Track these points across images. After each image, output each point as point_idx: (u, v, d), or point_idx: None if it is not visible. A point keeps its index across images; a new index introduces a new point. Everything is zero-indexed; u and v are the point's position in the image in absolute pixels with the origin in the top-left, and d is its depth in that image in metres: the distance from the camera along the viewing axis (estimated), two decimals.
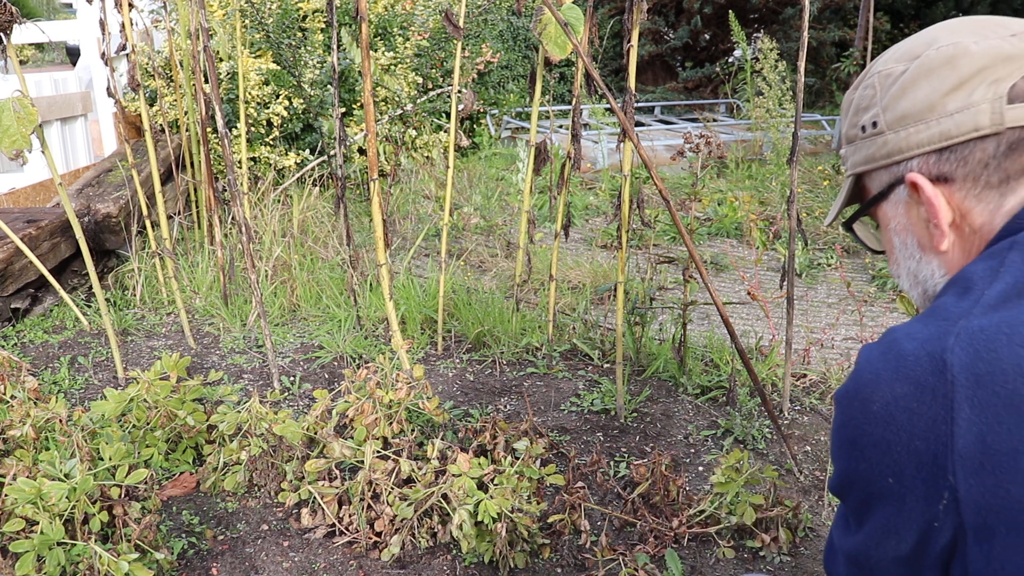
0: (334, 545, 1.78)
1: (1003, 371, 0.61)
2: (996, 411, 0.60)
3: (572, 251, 4.10)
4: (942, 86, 0.76)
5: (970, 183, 0.75)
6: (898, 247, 0.85)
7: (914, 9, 9.09)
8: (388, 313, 2.38)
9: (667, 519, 1.81)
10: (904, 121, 0.78)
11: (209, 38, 2.53)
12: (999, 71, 0.74)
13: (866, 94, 0.83)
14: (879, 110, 0.81)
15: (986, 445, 0.60)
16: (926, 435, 0.64)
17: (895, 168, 0.81)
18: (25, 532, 1.50)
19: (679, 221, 1.88)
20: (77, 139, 4.49)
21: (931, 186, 0.77)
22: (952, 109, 0.75)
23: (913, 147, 0.78)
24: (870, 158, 0.83)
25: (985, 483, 0.61)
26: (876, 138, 0.82)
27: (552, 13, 1.94)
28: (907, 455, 0.65)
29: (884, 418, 0.67)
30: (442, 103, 5.60)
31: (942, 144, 0.76)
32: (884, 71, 0.82)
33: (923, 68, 0.77)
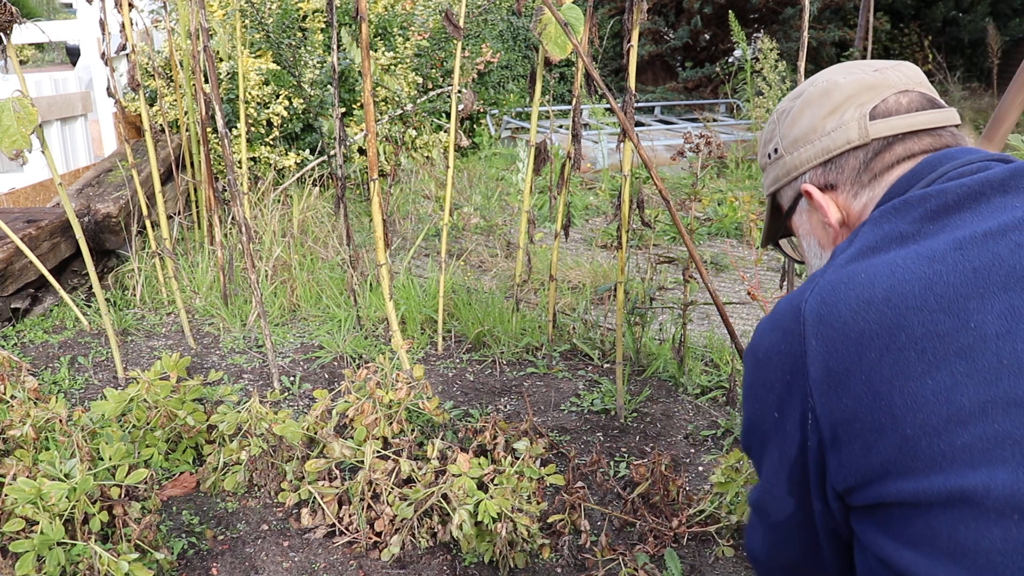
0: (334, 545, 1.78)
1: (838, 309, 0.76)
2: (834, 341, 0.76)
3: (572, 251, 4.10)
4: (821, 112, 0.96)
5: (849, 186, 0.94)
6: (807, 249, 1.05)
7: (914, 9, 9.09)
8: (388, 313, 2.38)
9: (667, 519, 1.81)
10: (796, 144, 0.99)
11: (209, 38, 2.53)
12: (863, 97, 0.94)
13: (770, 129, 1.04)
14: (779, 139, 1.02)
15: (829, 369, 0.76)
16: (792, 368, 0.79)
17: (794, 183, 1.00)
18: (25, 532, 1.50)
19: (679, 221, 1.88)
20: (77, 139, 4.49)
21: (820, 193, 0.96)
22: (829, 129, 0.95)
23: (804, 163, 0.98)
24: (776, 179, 1.03)
25: (831, 400, 0.76)
26: (778, 161, 1.02)
27: (552, 13, 1.94)
28: (783, 388, 0.81)
29: (765, 361, 0.84)
30: (442, 103, 5.60)
31: (825, 157, 0.95)
32: (780, 109, 1.03)
33: (806, 101, 0.99)
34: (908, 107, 0.92)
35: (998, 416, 0.68)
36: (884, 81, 0.94)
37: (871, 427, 0.73)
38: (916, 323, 0.72)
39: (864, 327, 0.74)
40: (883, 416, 0.72)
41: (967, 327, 0.71)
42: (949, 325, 0.71)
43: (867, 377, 0.73)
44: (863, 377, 0.73)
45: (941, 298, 0.72)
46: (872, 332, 0.73)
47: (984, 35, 8.40)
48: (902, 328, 0.72)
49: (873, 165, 0.92)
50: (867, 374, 0.73)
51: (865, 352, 0.73)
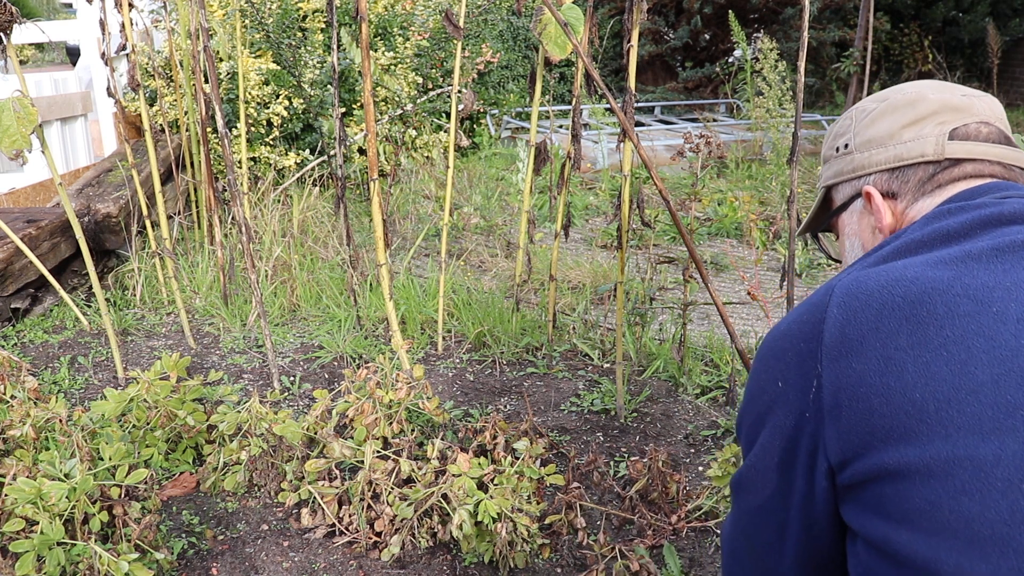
0: (334, 545, 1.78)
1: (867, 284, 0.78)
2: (855, 310, 0.77)
3: (572, 251, 4.10)
4: (902, 120, 0.97)
5: (910, 195, 0.95)
6: (848, 250, 1.06)
7: (914, 9, 9.09)
8: (388, 313, 2.39)
9: (666, 515, 1.81)
10: (869, 144, 0.99)
11: (209, 38, 2.53)
12: (946, 116, 0.95)
13: (844, 123, 1.05)
14: (852, 135, 1.02)
15: (844, 335, 0.77)
16: (808, 336, 0.80)
17: (857, 182, 1.01)
18: (25, 532, 1.50)
19: (679, 221, 1.88)
20: (77, 139, 4.49)
21: (881, 198, 0.97)
22: (907, 138, 0.96)
23: (873, 164, 0.98)
24: (839, 172, 1.04)
25: (839, 365, 0.76)
26: (846, 156, 1.03)
27: (552, 13, 1.94)
28: (794, 355, 0.82)
29: (785, 332, 0.85)
30: (442, 103, 5.60)
31: (895, 164, 0.96)
32: (861, 107, 1.04)
33: (890, 106, 0.99)
34: (987, 137, 0.94)
35: (1011, 388, 0.68)
36: (969, 107, 0.95)
37: (878, 391, 0.73)
38: (939, 302, 0.73)
39: (887, 299, 0.75)
40: (893, 380, 0.73)
41: (989, 311, 0.72)
42: (971, 308, 0.73)
43: (883, 343, 0.74)
44: (878, 343, 0.74)
45: (968, 287, 0.74)
46: (894, 304, 0.75)
47: (984, 35, 8.40)
48: (924, 304, 0.74)
49: (939, 177, 0.93)
50: (883, 341, 0.74)
51: (884, 321, 0.75)
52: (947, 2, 8.88)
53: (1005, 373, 0.69)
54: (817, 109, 8.65)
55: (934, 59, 8.80)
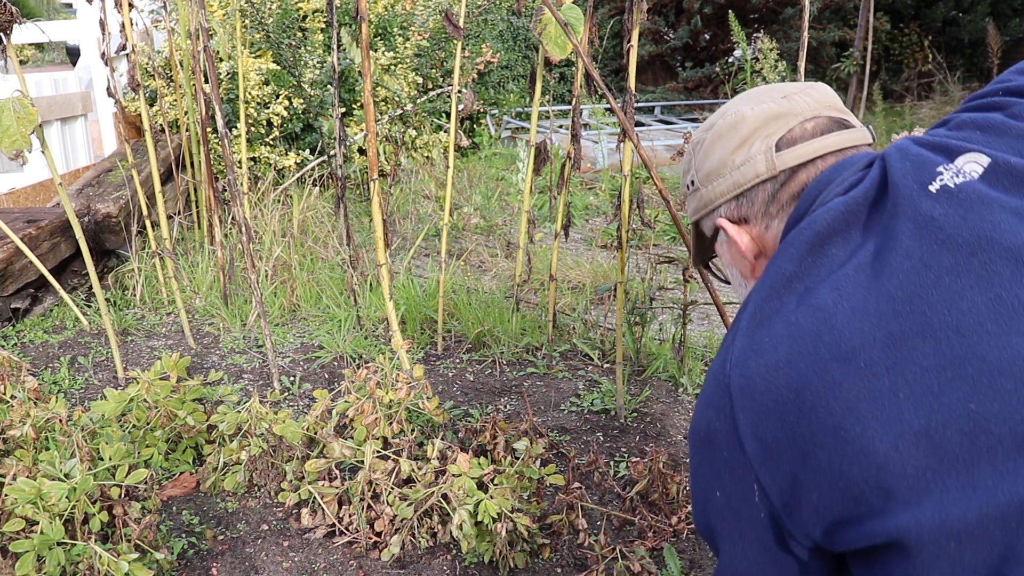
0: (334, 545, 1.78)
1: (753, 381, 0.76)
2: (756, 412, 0.76)
3: (572, 251, 4.10)
4: (729, 146, 0.95)
5: (759, 218, 0.94)
6: (732, 278, 1.06)
7: (914, 9, 9.09)
8: (388, 313, 2.39)
9: (666, 516, 1.81)
10: (709, 177, 0.98)
11: (209, 38, 2.53)
12: (770, 128, 0.93)
13: (687, 159, 1.04)
14: (694, 171, 1.01)
15: (760, 440, 0.75)
16: (727, 444, 0.79)
17: (711, 215, 1.00)
18: (25, 532, 1.50)
19: (679, 221, 1.88)
20: (77, 139, 4.49)
21: (733, 227, 0.96)
22: (739, 163, 0.94)
23: (718, 196, 0.97)
24: (696, 210, 1.03)
25: (771, 469, 0.75)
26: (695, 193, 1.01)
27: (552, 13, 1.94)
28: (722, 464, 0.80)
29: (705, 440, 0.83)
30: (442, 103, 5.60)
31: (737, 191, 0.94)
32: (694, 139, 1.02)
33: (716, 134, 0.97)
34: (813, 132, 0.91)
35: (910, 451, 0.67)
36: (791, 109, 0.93)
37: (810, 485, 0.72)
38: (815, 379, 0.72)
39: (776, 394, 0.74)
40: (816, 475, 0.72)
41: (859, 369, 0.71)
42: (842, 372, 0.71)
43: (791, 440, 0.73)
44: (788, 441, 0.73)
45: (830, 346, 0.72)
46: (784, 398, 0.74)
47: (984, 35, 8.40)
48: (807, 388, 0.72)
49: (779, 196, 0.92)
50: (791, 438, 0.73)
51: (784, 418, 0.74)
52: (947, 2, 8.88)
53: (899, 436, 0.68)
54: None
55: (934, 59, 8.80)
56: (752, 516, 0.79)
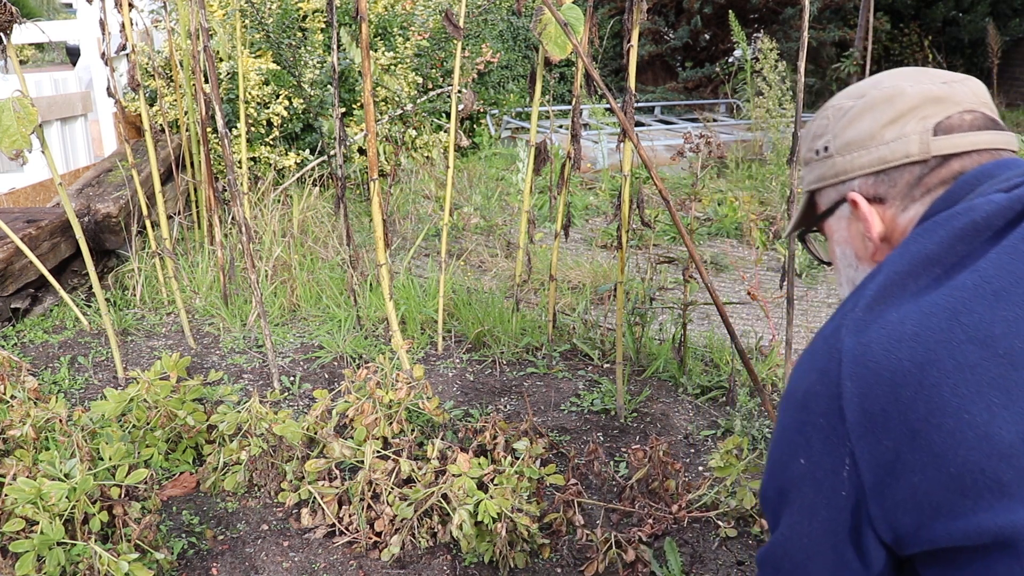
0: (334, 545, 1.78)
1: (871, 349, 0.74)
2: (868, 382, 0.74)
3: (572, 251, 4.10)
4: (882, 119, 0.91)
5: (899, 200, 0.90)
6: (839, 257, 1.00)
7: (914, 9, 9.09)
8: (388, 313, 2.39)
9: (666, 505, 1.81)
10: (850, 147, 0.93)
11: (209, 38, 2.53)
12: (928, 110, 0.89)
13: (822, 124, 0.98)
14: (831, 137, 0.96)
15: (865, 411, 0.74)
16: (826, 411, 0.77)
17: (840, 187, 0.95)
18: (25, 532, 1.50)
19: (679, 221, 1.88)
20: (77, 139, 4.49)
21: (867, 204, 0.92)
22: (889, 138, 0.90)
23: (856, 169, 0.92)
24: (821, 177, 0.97)
25: (870, 443, 0.73)
26: (827, 160, 0.96)
27: (552, 13, 1.94)
28: (815, 431, 0.78)
29: (802, 403, 0.80)
30: (442, 103, 5.60)
31: (879, 167, 0.91)
32: (837, 105, 0.97)
33: (867, 104, 0.93)
34: (971, 125, 0.89)
35: None
36: (951, 96, 0.90)
37: (914, 466, 0.70)
38: (945, 357, 0.70)
39: (896, 365, 0.72)
40: (924, 455, 0.70)
41: (996, 355, 0.69)
42: (978, 355, 0.70)
43: (904, 417, 0.71)
44: (900, 417, 0.71)
45: (967, 327, 0.71)
46: (904, 370, 0.72)
47: (984, 35, 8.40)
48: (933, 364, 0.71)
49: (927, 180, 0.89)
50: (904, 413, 0.71)
51: (900, 391, 0.72)
52: (947, 2, 8.88)
53: None
54: (817, 109, 8.64)
55: (934, 59, 8.80)
56: (832, 491, 0.77)
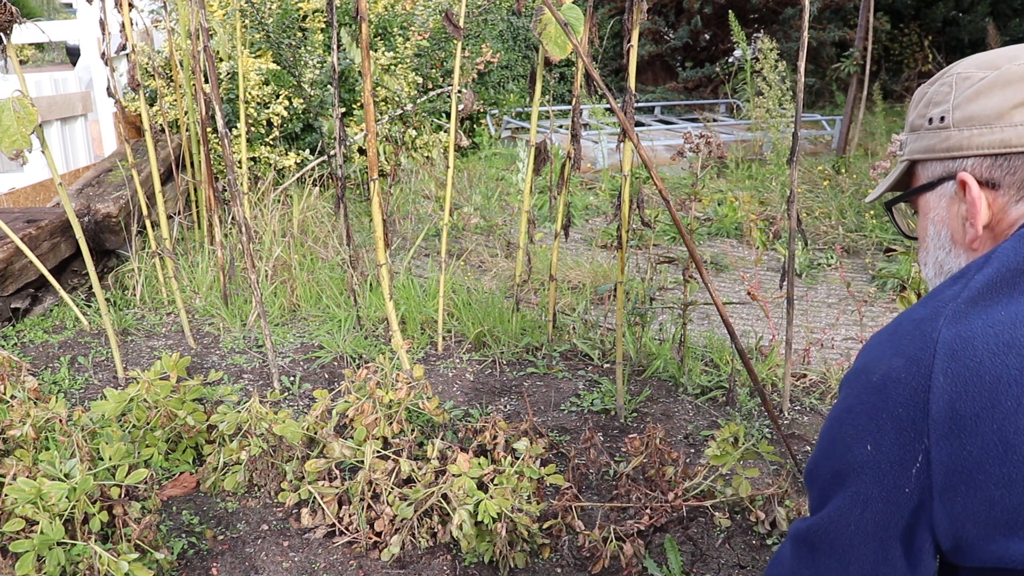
0: (334, 545, 1.78)
1: (974, 347, 0.69)
2: (965, 381, 0.69)
3: (572, 251, 4.10)
4: (1014, 98, 0.81)
5: (1014, 190, 0.82)
6: (931, 236, 0.91)
7: (914, 9, 9.09)
8: (388, 313, 2.39)
9: (663, 493, 1.81)
10: (970, 122, 0.84)
11: (209, 38, 2.53)
12: None
13: (941, 90, 0.88)
14: (950, 107, 0.86)
15: (955, 410, 0.69)
16: (908, 402, 0.72)
17: (950, 163, 0.86)
18: (25, 532, 1.50)
19: (679, 221, 1.88)
20: (77, 139, 4.49)
21: (978, 188, 0.83)
22: (1018, 121, 0.81)
23: (973, 147, 0.83)
24: (930, 148, 0.88)
25: (952, 445, 0.69)
26: (940, 131, 0.87)
27: (552, 13, 1.94)
28: (890, 420, 0.73)
29: (879, 387, 0.75)
30: (442, 103, 5.60)
31: (1000, 150, 0.82)
32: (963, 73, 0.87)
33: (1001, 79, 0.83)
34: None
35: None
36: None
37: (998, 480, 0.67)
38: None
39: (1002, 371, 0.68)
40: (1014, 471, 0.66)
41: None
42: None
43: (999, 426, 0.67)
44: (995, 425, 0.67)
45: None
46: (1010, 378, 0.67)
47: (984, 35, 8.40)
48: None
49: None
50: (1000, 423, 0.67)
51: (1000, 399, 0.67)
52: (947, 2, 8.88)
53: None
54: (817, 109, 8.65)
55: (934, 59, 8.80)
56: (895, 485, 0.73)
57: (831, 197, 4.87)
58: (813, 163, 5.83)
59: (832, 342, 3.02)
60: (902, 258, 3.79)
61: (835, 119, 6.87)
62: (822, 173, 5.48)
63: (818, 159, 6.11)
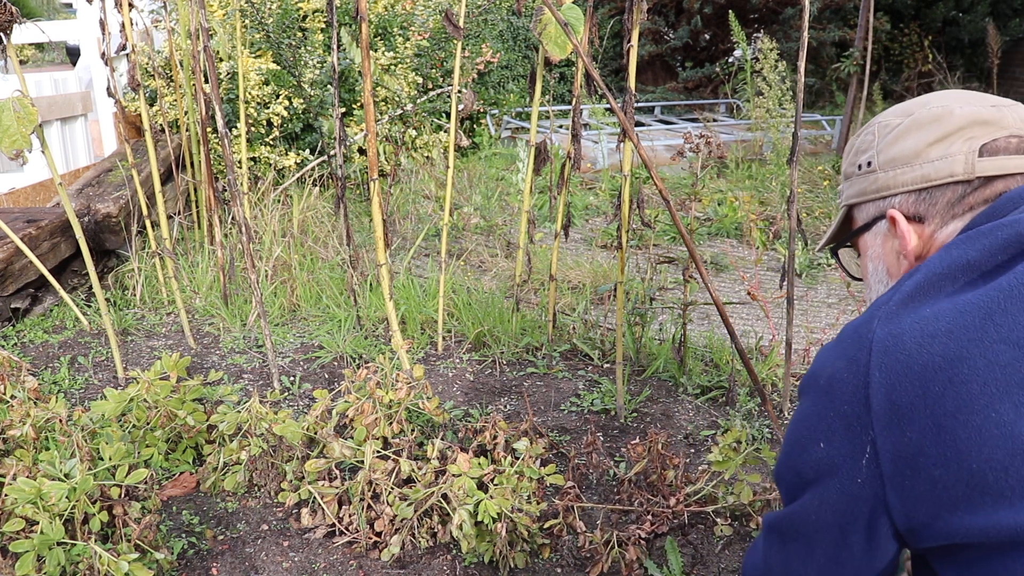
0: (334, 545, 1.78)
1: (903, 341, 0.76)
2: (897, 373, 0.75)
3: (572, 251, 4.10)
4: (928, 137, 0.91)
5: (938, 218, 0.91)
6: (871, 272, 1.01)
7: (914, 9, 9.08)
8: (388, 313, 2.39)
9: (664, 499, 1.81)
10: (893, 163, 0.94)
11: (209, 38, 2.53)
12: (975, 131, 0.90)
13: (867, 139, 0.99)
14: (875, 152, 0.97)
15: (892, 401, 0.75)
16: (851, 399, 0.78)
17: (880, 203, 0.96)
18: (25, 532, 1.50)
19: (679, 221, 1.88)
20: (77, 139, 4.49)
21: (906, 222, 0.93)
22: (934, 157, 0.91)
23: (898, 185, 0.93)
24: (862, 192, 0.99)
25: (893, 434, 0.75)
26: (869, 175, 0.97)
27: (552, 13, 1.94)
28: (838, 418, 0.80)
29: (826, 389, 0.82)
30: (442, 103, 5.60)
31: (922, 185, 0.91)
32: (883, 122, 0.98)
33: (915, 122, 0.94)
34: (1018, 149, 0.89)
35: None
36: (1000, 119, 0.91)
37: (936, 461, 0.72)
38: (977, 355, 0.72)
39: (927, 360, 0.73)
40: (948, 450, 0.71)
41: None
42: (1009, 355, 0.71)
43: (931, 411, 0.72)
44: (927, 411, 0.72)
45: (1000, 327, 0.72)
46: (935, 365, 0.73)
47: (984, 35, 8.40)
48: (964, 360, 0.72)
49: (969, 199, 0.89)
50: (931, 407, 0.72)
51: (929, 385, 0.73)
52: (947, 2, 8.88)
53: None
54: (817, 109, 8.65)
55: (934, 59, 8.80)
56: (849, 477, 0.79)
57: (831, 197, 4.87)
58: (813, 163, 5.83)
59: None
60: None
61: (835, 119, 6.87)
62: (822, 173, 5.49)
63: (818, 159, 6.11)
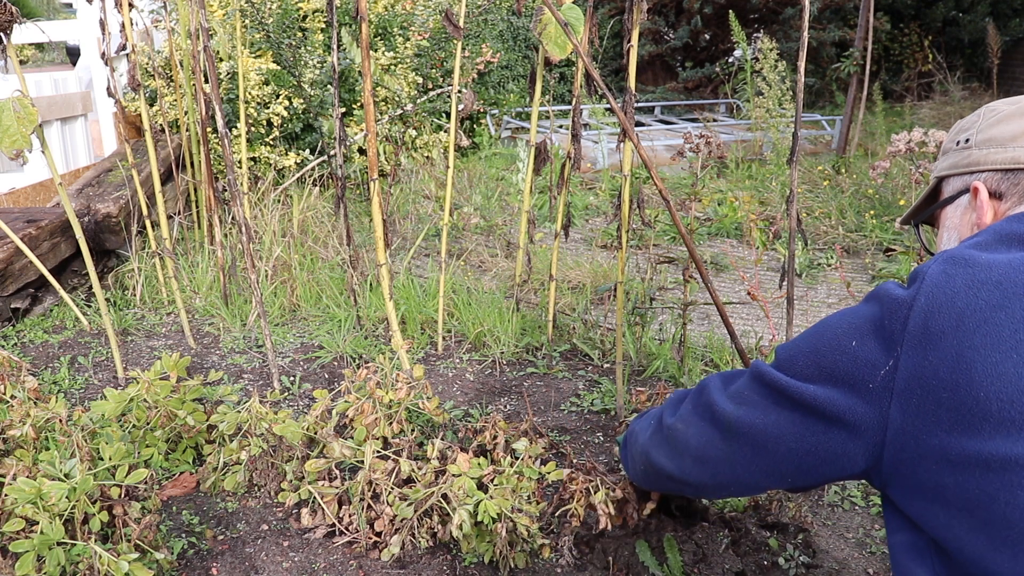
0: (334, 545, 1.78)
1: (954, 281, 0.83)
2: (940, 304, 0.83)
3: (572, 251, 4.10)
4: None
5: (1015, 199, 0.99)
6: (944, 242, 1.10)
7: (914, 9, 9.09)
8: (388, 313, 2.39)
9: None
10: (989, 143, 1.03)
11: (209, 38, 2.53)
12: None
13: (971, 120, 1.09)
14: (975, 131, 1.06)
15: (927, 326, 0.83)
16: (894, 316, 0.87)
17: (968, 176, 1.05)
18: (25, 532, 1.50)
19: (679, 221, 1.88)
20: (77, 139, 4.49)
21: (987, 196, 1.01)
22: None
23: (988, 163, 1.02)
24: (954, 165, 1.08)
25: (917, 354, 0.83)
26: (964, 151, 1.06)
27: (552, 13, 1.94)
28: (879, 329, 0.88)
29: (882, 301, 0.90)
30: (442, 103, 5.60)
31: (1010, 166, 1.00)
32: (992, 107, 1.08)
33: (1020, 109, 1.02)
34: None
35: None
36: None
37: (947, 385, 0.79)
38: (1017, 307, 0.79)
39: (971, 301, 0.81)
40: (961, 377, 0.78)
41: None
42: None
43: (958, 341, 0.80)
44: (955, 341, 0.80)
45: None
46: (976, 307, 0.80)
47: (984, 35, 8.40)
48: (1003, 308, 0.79)
49: None
50: (960, 339, 0.80)
51: (964, 320, 0.80)
52: (947, 2, 8.88)
53: None
54: (817, 109, 8.65)
55: (934, 59, 8.80)
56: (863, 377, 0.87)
57: (831, 197, 4.87)
58: (813, 163, 5.83)
59: None
60: (902, 258, 3.79)
61: (835, 119, 6.87)
62: (822, 173, 5.48)
63: (818, 159, 6.11)
